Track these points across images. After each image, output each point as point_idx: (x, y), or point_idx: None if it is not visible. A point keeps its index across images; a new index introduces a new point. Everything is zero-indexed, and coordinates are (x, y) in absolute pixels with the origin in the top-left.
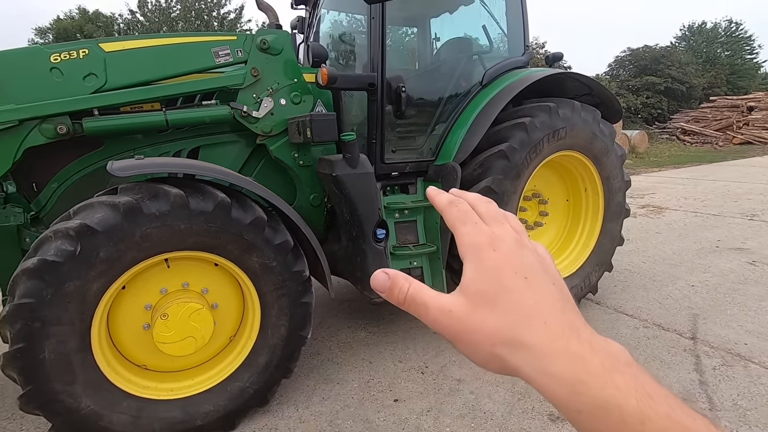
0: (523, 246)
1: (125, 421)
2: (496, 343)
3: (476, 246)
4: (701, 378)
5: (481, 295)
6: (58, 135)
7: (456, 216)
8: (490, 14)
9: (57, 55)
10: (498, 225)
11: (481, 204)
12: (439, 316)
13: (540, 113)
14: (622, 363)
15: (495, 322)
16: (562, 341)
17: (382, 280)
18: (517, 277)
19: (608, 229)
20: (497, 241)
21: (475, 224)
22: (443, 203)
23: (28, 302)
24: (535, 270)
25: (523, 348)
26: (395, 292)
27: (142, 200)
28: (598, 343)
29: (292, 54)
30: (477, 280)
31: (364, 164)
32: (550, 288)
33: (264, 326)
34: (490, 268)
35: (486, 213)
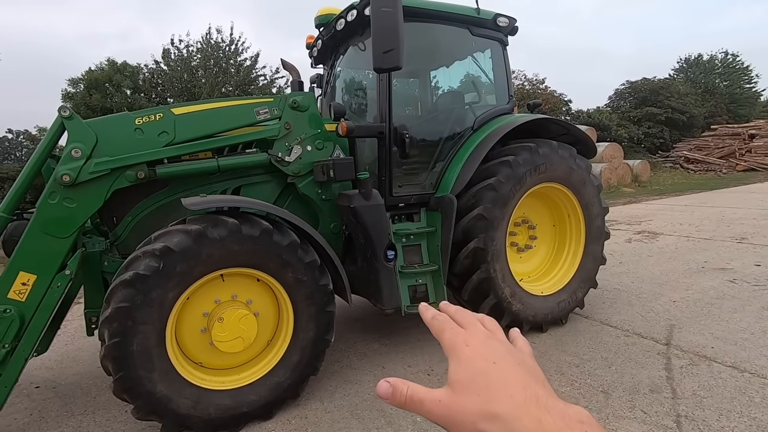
0: (492, 338)
1: (188, 405)
2: (477, 420)
3: (453, 345)
4: (669, 375)
5: (460, 383)
6: (138, 179)
7: (438, 326)
8: (480, 68)
9: (140, 119)
10: (471, 326)
11: (458, 313)
12: (432, 407)
13: (523, 152)
14: (574, 421)
15: (473, 401)
16: (524, 408)
17: (385, 388)
18: (486, 363)
19: (590, 251)
20: (469, 338)
21: (452, 329)
22: (428, 318)
23: (124, 306)
24: (502, 355)
25: (496, 418)
26: (397, 396)
27: (207, 228)
28: (556, 406)
29: (316, 110)
30: (456, 371)
31: (376, 197)
32: (516, 368)
33: (296, 330)
34: (465, 360)
35: (461, 320)
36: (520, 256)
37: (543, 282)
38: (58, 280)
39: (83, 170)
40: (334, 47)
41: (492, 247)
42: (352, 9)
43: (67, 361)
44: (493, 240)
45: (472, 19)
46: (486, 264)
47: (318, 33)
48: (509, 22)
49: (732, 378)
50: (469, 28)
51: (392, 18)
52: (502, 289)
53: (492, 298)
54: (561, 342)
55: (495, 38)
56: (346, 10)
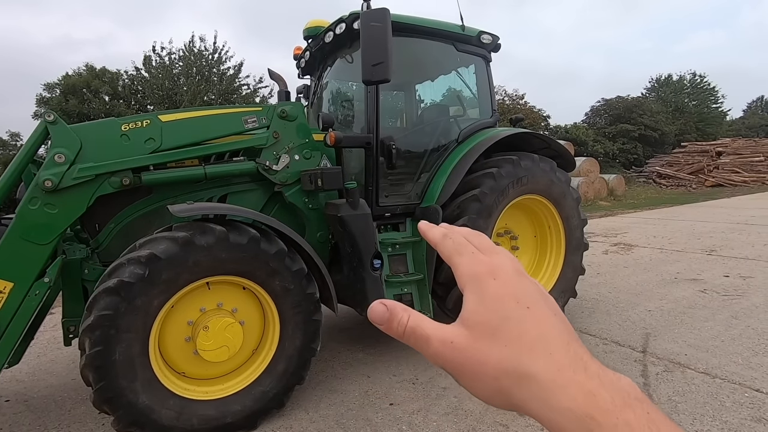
0: (523, 275)
1: (171, 416)
2: (501, 376)
3: (476, 275)
4: (645, 381)
5: (483, 326)
6: (123, 185)
7: (452, 247)
8: (464, 83)
9: (126, 125)
10: (495, 254)
11: (474, 236)
12: (441, 349)
13: (505, 164)
14: (632, 398)
15: (498, 353)
16: (569, 373)
17: (380, 311)
18: (519, 306)
19: (570, 261)
20: (497, 269)
21: (472, 254)
22: (437, 237)
23: (107, 313)
24: (537, 299)
25: (529, 380)
26: (394, 324)
27: (194, 235)
28: (608, 376)
29: (304, 119)
30: (478, 310)
31: (363, 207)
32: (552, 319)
33: (282, 339)
34: (491, 297)
35: (480, 244)
36: None
37: None
38: (36, 288)
39: (66, 176)
40: (321, 59)
41: None
42: (341, 22)
43: (39, 373)
44: None
45: (457, 36)
46: None
47: (306, 44)
48: (492, 39)
49: (704, 384)
50: (454, 44)
51: (381, 32)
52: None
53: None
54: None
55: (479, 54)
56: (335, 23)
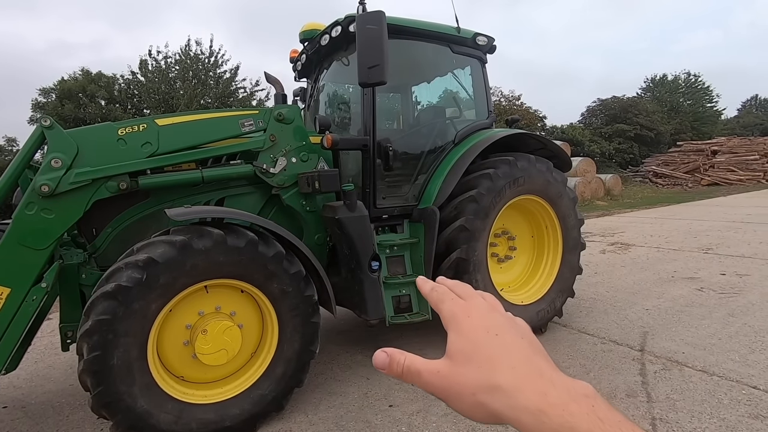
0: (494, 311)
1: (169, 420)
2: (477, 391)
3: (453, 315)
4: (644, 380)
5: (460, 354)
6: (120, 190)
7: (437, 297)
8: (460, 84)
9: (123, 129)
10: (471, 298)
11: (458, 286)
12: (430, 378)
13: (502, 165)
14: (579, 395)
15: (473, 373)
16: (526, 380)
17: (381, 358)
18: (488, 335)
19: (567, 261)
20: (471, 309)
21: (452, 300)
22: (427, 289)
23: (105, 318)
24: (505, 328)
25: (498, 390)
26: (394, 366)
27: (192, 238)
28: (560, 380)
29: (301, 122)
30: (456, 342)
31: (361, 209)
32: (519, 341)
33: (281, 342)
34: (466, 330)
35: (462, 292)
36: (500, 267)
37: (523, 292)
38: (33, 293)
39: (63, 180)
40: (318, 62)
41: (474, 257)
42: (336, 25)
43: (37, 379)
44: (474, 251)
45: (453, 38)
46: (468, 274)
47: (302, 47)
48: (488, 40)
49: (702, 381)
50: (449, 46)
51: (377, 35)
52: None
53: None
54: None
55: (474, 56)
56: (330, 26)
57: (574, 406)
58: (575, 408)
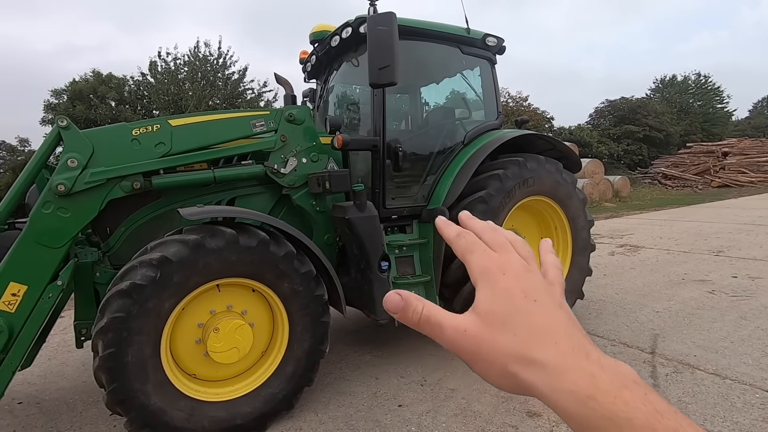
0: (530, 271)
1: (182, 417)
2: (510, 362)
3: (486, 271)
4: (655, 382)
5: (493, 316)
6: (133, 189)
7: (464, 246)
8: (470, 85)
9: (137, 130)
10: (505, 251)
11: (488, 232)
12: (455, 336)
13: (512, 166)
14: (630, 380)
15: (508, 340)
16: (572, 359)
17: (395, 301)
18: (527, 299)
19: (577, 262)
20: (505, 265)
21: (483, 251)
22: (452, 235)
23: (120, 316)
24: (543, 293)
25: (536, 366)
26: (409, 313)
27: (205, 238)
28: (607, 362)
29: (311, 123)
30: (489, 301)
31: (371, 209)
32: (557, 311)
33: (291, 341)
34: (500, 290)
35: (492, 241)
36: None
37: None
38: (49, 291)
39: (79, 180)
40: (328, 63)
41: None
42: (347, 26)
43: (50, 376)
44: None
45: (463, 39)
46: None
47: (312, 49)
48: (497, 41)
49: (714, 384)
50: (459, 46)
51: (388, 36)
52: None
53: None
54: None
55: (484, 57)
56: (341, 27)
57: (628, 394)
58: (629, 396)
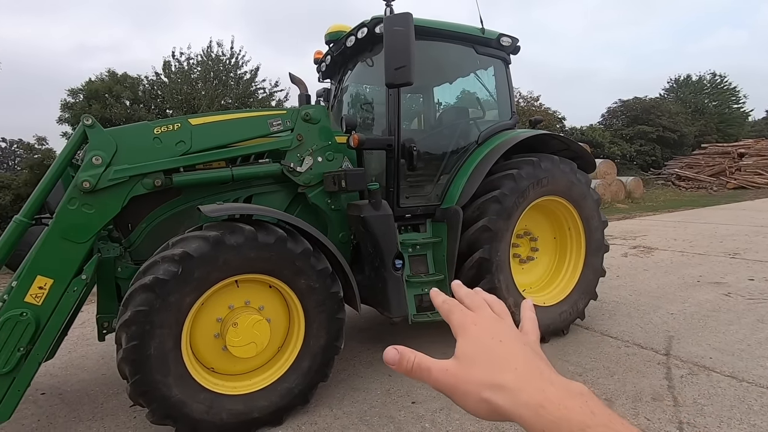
0: (499, 321)
1: (201, 409)
2: (481, 389)
3: (462, 325)
4: (669, 384)
5: (468, 356)
6: (155, 187)
7: (447, 309)
8: (484, 85)
9: (159, 128)
10: (480, 310)
11: (469, 296)
12: (439, 375)
13: (526, 166)
14: (575, 393)
15: (479, 373)
16: (527, 379)
17: (392, 355)
18: (493, 340)
19: (590, 263)
20: (478, 319)
21: (461, 311)
22: (438, 302)
23: (143, 309)
24: (509, 336)
25: (501, 389)
26: (404, 363)
27: (224, 234)
28: (558, 379)
29: (327, 122)
30: (464, 346)
31: (386, 207)
32: (521, 347)
33: (307, 337)
34: (472, 337)
35: (471, 303)
36: (522, 268)
37: (545, 293)
38: (74, 285)
39: (103, 177)
40: (342, 63)
41: (496, 258)
42: (362, 27)
43: (71, 368)
44: (497, 251)
45: (477, 38)
46: (490, 274)
47: (327, 49)
48: (512, 41)
49: (731, 387)
50: (474, 46)
51: (404, 36)
52: (505, 299)
53: None
54: (563, 352)
55: (498, 57)
56: (356, 27)
57: (570, 402)
58: (570, 403)
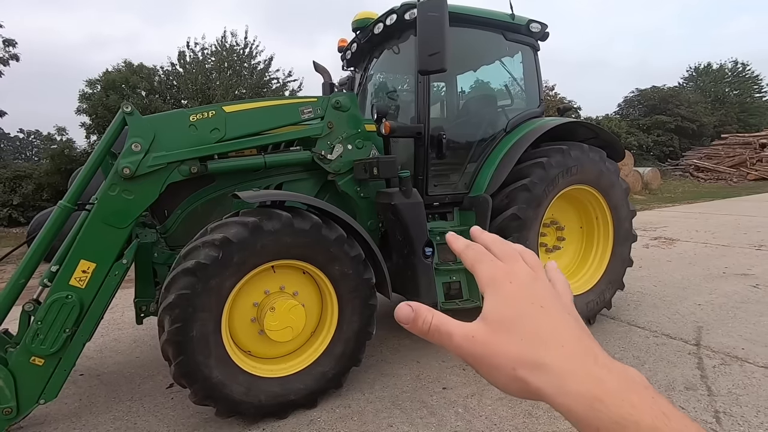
0: (537, 279)
1: (240, 391)
2: (517, 366)
3: (493, 279)
4: (702, 374)
5: (500, 322)
6: (191, 173)
7: (473, 257)
8: (512, 73)
9: (194, 116)
10: (512, 261)
11: (496, 244)
12: (463, 342)
13: (555, 154)
14: (638, 384)
15: (515, 345)
16: (579, 362)
17: (405, 312)
18: (533, 305)
19: (618, 252)
20: (512, 274)
21: (491, 261)
22: (461, 247)
23: (185, 293)
24: (550, 300)
25: (543, 369)
26: (419, 323)
27: (262, 220)
28: (615, 366)
29: (357, 110)
30: (496, 308)
31: (416, 195)
32: (565, 316)
33: (340, 322)
34: (507, 297)
35: (501, 252)
36: (548, 257)
37: (571, 282)
38: (115, 269)
39: (142, 163)
40: (369, 50)
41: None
42: (391, 13)
43: (106, 351)
44: (526, 240)
45: (507, 25)
46: None
47: (354, 36)
48: (541, 27)
49: (766, 378)
50: (503, 33)
51: (438, 22)
52: None
53: None
54: None
55: (527, 43)
56: (385, 14)
57: (635, 398)
58: (636, 399)
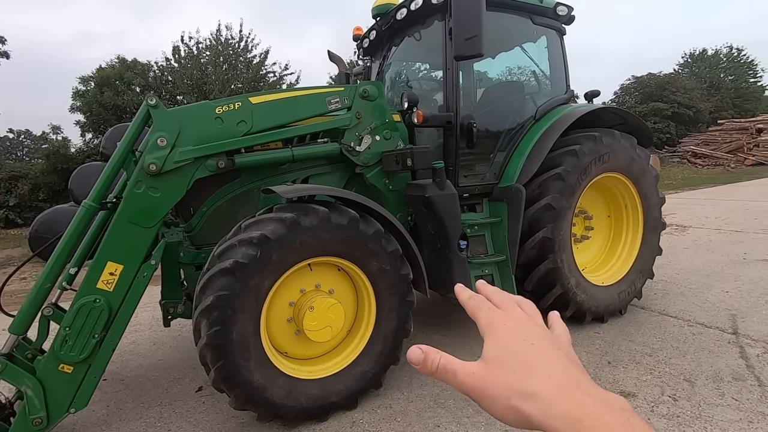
0: (530, 321)
1: (281, 394)
2: (511, 395)
3: (490, 324)
4: (747, 363)
5: (496, 359)
6: (218, 168)
7: (474, 305)
8: (539, 58)
9: (220, 108)
10: (509, 308)
11: (495, 294)
12: (465, 378)
13: (587, 141)
14: (615, 407)
15: (509, 377)
16: (564, 389)
17: (416, 354)
18: (525, 342)
19: (648, 241)
20: (507, 318)
21: (489, 309)
22: (464, 298)
23: (224, 294)
24: (541, 338)
25: (533, 397)
26: (428, 364)
27: (299, 216)
28: (596, 391)
29: (383, 100)
30: (493, 348)
31: (450, 187)
32: (555, 351)
33: (378, 320)
34: (502, 338)
35: (499, 301)
36: (576, 247)
37: (601, 272)
38: (144, 270)
39: (168, 159)
40: (388, 38)
41: (559, 237)
42: None
43: (126, 354)
44: (560, 230)
45: (534, 8)
46: (553, 254)
47: (373, 24)
48: (567, 10)
49: None
50: (531, 16)
51: (475, 4)
52: (568, 280)
53: (558, 289)
54: (625, 332)
55: (554, 27)
56: None
57: (610, 418)
58: (611, 419)
